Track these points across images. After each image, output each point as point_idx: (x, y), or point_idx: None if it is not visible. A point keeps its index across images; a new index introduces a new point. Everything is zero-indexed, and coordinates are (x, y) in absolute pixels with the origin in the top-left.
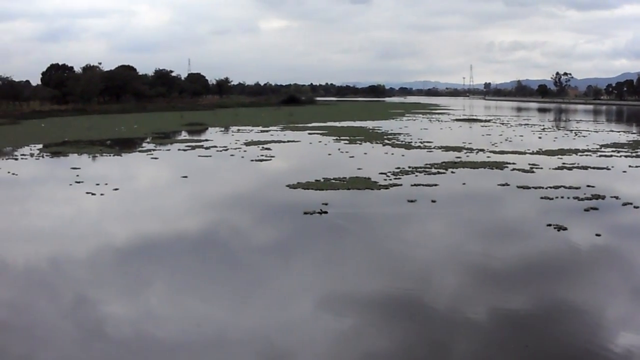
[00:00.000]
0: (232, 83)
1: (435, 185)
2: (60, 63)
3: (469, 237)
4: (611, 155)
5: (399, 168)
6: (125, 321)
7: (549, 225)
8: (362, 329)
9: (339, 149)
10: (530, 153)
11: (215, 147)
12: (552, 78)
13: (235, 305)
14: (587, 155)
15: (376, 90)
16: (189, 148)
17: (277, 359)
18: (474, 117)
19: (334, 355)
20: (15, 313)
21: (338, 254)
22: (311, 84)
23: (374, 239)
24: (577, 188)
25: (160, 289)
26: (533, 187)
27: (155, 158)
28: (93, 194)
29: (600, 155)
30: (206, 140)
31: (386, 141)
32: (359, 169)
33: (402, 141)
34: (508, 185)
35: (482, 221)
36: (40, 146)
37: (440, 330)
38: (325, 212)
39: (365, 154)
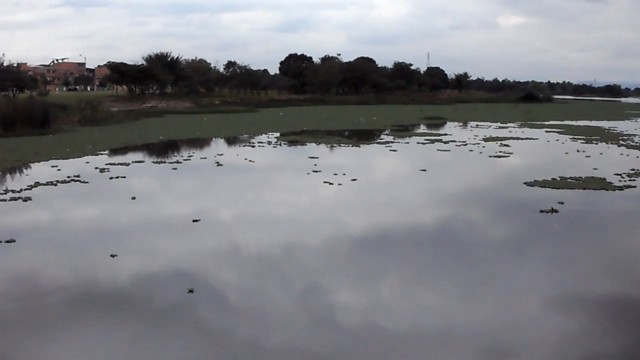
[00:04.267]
0: (470, 78)
1: None
2: (298, 53)
3: None
4: None
5: (634, 170)
6: (354, 310)
7: None
8: (589, 331)
9: (576, 149)
10: None
11: (454, 141)
12: None
13: (463, 300)
14: None
15: (612, 90)
16: (428, 142)
17: (500, 356)
18: None
19: (559, 356)
20: (246, 296)
21: (570, 254)
22: (548, 81)
23: (608, 241)
24: None
25: (391, 280)
26: None
27: (394, 150)
28: (331, 184)
29: None
30: (445, 134)
31: (621, 142)
32: (595, 169)
33: (637, 142)
34: None
35: None
36: (278, 134)
37: None
38: (556, 211)
39: (600, 154)
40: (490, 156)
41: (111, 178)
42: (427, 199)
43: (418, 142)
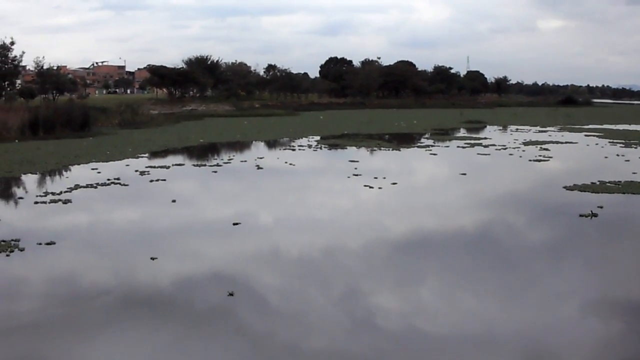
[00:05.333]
0: (510, 82)
1: None
2: (339, 56)
3: None
4: None
5: None
6: (394, 313)
7: None
8: (628, 336)
9: (616, 153)
10: None
11: (494, 145)
12: None
13: (504, 303)
14: None
15: None
16: (468, 145)
17: (541, 359)
18: None
19: (599, 359)
20: (286, 300)
21: (609, 258)
22: (588, 85)
23: None
24: None
25: (431, 283)
26: None
27: (434, 154)
28: (371, 187)
29: None
30: (485, 138)
31: None
32: (634, 173)
33: None
34: None
35: None
36: (318, 138)
37: None
38: (596, 215)
39: (639, 158)
40: (530, 160)
41: (151, 181)
42: (467, 202)
43: (458, 146)
